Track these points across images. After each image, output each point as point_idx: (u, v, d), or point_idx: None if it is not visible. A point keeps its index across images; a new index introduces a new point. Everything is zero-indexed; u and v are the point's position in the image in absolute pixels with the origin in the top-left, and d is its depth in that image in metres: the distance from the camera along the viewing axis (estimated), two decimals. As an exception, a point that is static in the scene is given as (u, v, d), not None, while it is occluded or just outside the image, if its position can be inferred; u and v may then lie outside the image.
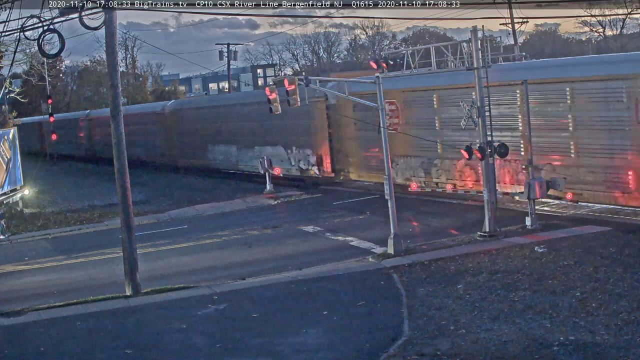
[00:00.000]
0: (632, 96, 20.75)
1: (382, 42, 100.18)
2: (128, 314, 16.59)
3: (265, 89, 22.59)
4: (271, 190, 33.82)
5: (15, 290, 19.94)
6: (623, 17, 61.42)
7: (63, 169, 58.85)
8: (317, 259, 20.65)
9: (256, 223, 27.21)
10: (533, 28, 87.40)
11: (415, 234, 23.04)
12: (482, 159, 21.28)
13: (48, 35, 18.52)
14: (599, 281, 15.82)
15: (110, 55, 18.53)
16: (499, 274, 17.21)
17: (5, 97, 35.84)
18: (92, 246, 25.22)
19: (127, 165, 18.45)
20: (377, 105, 20.65)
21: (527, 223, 21.81)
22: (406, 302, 15.82)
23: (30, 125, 64.11)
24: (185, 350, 13.97)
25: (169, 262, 22.13)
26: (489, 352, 12.49)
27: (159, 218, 30.13)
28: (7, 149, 33.55)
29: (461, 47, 22.64)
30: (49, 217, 31.65)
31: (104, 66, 68.56)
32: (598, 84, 21.78)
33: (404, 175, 29.22)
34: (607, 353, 11.95)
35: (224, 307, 16.56)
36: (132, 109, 55.58)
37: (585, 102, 22.25)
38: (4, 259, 24.23)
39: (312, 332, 14.36)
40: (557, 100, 23.01)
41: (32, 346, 14.82)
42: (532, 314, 14.19)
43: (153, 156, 50.97)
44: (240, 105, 41.63)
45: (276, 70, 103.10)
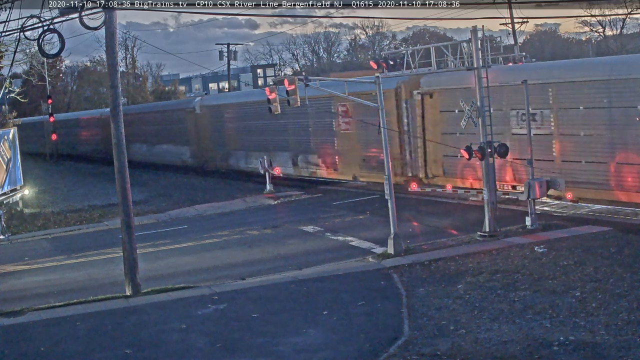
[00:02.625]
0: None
1: (382, 42, 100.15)
2: (128, 314, 16.59)
3: (266, 89, 22.59)
4: (271, 190, 33.82)
5: (15, 290, 19.94)
6: (623, 17, 61.43)
7: (65, 168, 58.84)
8: (317, 259, 20.65)
9: (256, 223, 27.20)
10: (533, 28, 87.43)
11: (415, 234, 23.04)
12: (482, 159, 21.31)
13: (48, 35, 18.53)
14: (599, 281, 15.82)
15: (110, 55, 18.53)
16: (499, 274, 17.21)
17: (5, 97, 35.86)
18: (92, 246, 25.22)
19: (127, 165, 18.45)
20: (377, 105, 20.68)
21: (527, 223, 21.81)
22: (406, 302, 15.82)
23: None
24: (185, 350, 13.97)
25: (169, 262, 22.13)
26: (489, 352, 12.49)
27: (159, 218, 30.12)
28: (7, 149, 33.55)
29: (461, 47, 22.68)
30: (49, 217, 31.64)
31: (104, 66, 68.60)
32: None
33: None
34: (607, 353, 11.95)
35: (224, 307, 16.56)
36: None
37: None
38: (4, 259, 24.22)
39: (312, 332, 14.36)
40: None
41: (32, 346, 14.82)
42: (532, 314, 14.19)
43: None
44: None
45: (276, 70, 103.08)
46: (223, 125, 42.93)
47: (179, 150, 47.57)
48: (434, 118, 28.38)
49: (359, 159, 31.95)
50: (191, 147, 46.24)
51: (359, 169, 32.29)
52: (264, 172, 34.33)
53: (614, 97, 21.81)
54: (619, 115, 21.76)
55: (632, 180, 21.57)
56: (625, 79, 21.57)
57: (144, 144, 51.48)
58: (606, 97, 22.02)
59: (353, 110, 30.80)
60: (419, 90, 28.81)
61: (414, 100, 29.00)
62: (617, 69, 22.17)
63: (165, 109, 52.10)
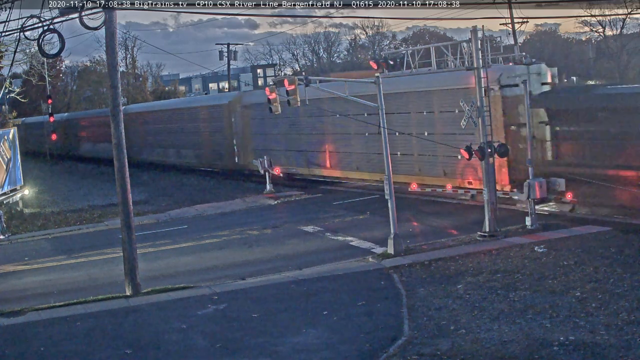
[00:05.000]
0: None
1: (382, 42, 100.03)
2: (128, 314, 16.59)
3: (266, 89, 22.59)
4: (271, 190, 33.82)
5: (15, 290, 19.94)
6: (623, 17, 61.36)
7: (65, 168, 58.85)
8: (317, 259, 20.65)
9: (256, 223, 27.21)
10: (533, 28, 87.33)
11: (415, 234, 23.04)
12: (482, 159, 21.31)
13: (48, 35, 18.53)
14: (599, 281, 15.82)
15: (110, 55, 18.53)
16: (499, 274, 17.21)
17: (5, 97, 35.86)
18: (92, 246, 25.22)
19: (127, 165, 18.46)
20: (377, 105, 20.67)
21: (527, 223, 21.82)
22: (406, 302, 15.82)
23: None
24: (185, 350, 13.97)
25: (169, 262, 22.13)
26: (489, 352, 12.49)
27: (159, 218, 30.12)
28: (7, 149, 33.56)
29: (461, 47, 22.67)
30: (49, 217, 31.66)
31: (104, 66, 68.43)
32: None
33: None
34: (607, 353, 11.95)
35: (224, 307, 16.55)
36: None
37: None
38: (4, 259, 24.22)
39: (312, 332, 14.36)
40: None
41: (32, 346, 14.82)
42: (532, 314, 14.18)
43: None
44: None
45: (276, 70, 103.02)
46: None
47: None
48: (247, 123, 38.75)
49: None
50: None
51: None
52: (263, 172, 34.31)
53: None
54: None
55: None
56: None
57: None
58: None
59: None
60: (241, 104, 38.96)
61: (237, 111, 39.34)
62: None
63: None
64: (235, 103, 40.21)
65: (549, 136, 23.68)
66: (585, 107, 22.53)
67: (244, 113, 39.42)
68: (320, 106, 29.05)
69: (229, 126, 40.61)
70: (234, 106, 40.22)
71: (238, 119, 39.86)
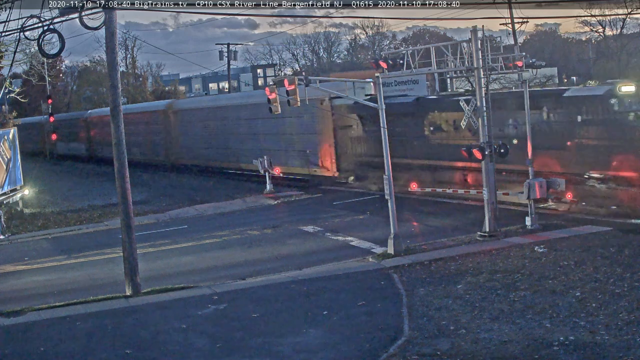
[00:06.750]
0: None
1: (382, 42, 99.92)
2: (128, 314, 16.59)
3: (265, 88, 22.61)
4: (271, 190, 33.84)
5: (15, 290, 19.95)
6: (623, 17, 61.27)
7: (65, 168, 58.85)
8: (317, 259, 20.65)
9: (256, 223, 27.21)
10: (533, 28, 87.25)
11: (415, 234, 23.04)
12: (482, 159, 21.31)
13: (48, 35, 18.53)
14: (599, 281, 15.83)
15: (110, 55, 18.53)
16: (499, 274, 17.21)
17: (5, 97, 35.84)
18: (92, 246, 25.23)
19: (127, 165, 18.44)
20: (378, 105, 20.68)
21: (527, 223, 21.82)
22: (406, 302, 15.82)
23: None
24: (185, 350, 13.96)
25: (169, 262, 22.13)
26: (489, 352, 12.49)
27: (159, 218, 30.13)
28: (7, 149, 33.54)
29: (461, 47, 22.65)
30: (49, 217, 31.66)
31: (104, 66, 68.48)
32: None
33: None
34: (607, 353, 11.95)
35: (224, 307, 16.55)
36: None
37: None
38: (4, 259, 24.23)
39: (312, 332, 14.36)
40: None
41: (32, 346, 14.81)
42: (532, 314, 14.19)
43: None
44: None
45: (276, 70, 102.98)
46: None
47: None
48: (177, 126, 48.26)
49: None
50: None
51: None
52: (263, 172, 34.33)
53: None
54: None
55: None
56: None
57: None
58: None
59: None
60: (173, 109, 48.84)
61: (169, 116, 48.77)
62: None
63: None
64: (168, 109, 49.87)
65: (362, 134, 32.44)
66: (374, 114, 24.73)
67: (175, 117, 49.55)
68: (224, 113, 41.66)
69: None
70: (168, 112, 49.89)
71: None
